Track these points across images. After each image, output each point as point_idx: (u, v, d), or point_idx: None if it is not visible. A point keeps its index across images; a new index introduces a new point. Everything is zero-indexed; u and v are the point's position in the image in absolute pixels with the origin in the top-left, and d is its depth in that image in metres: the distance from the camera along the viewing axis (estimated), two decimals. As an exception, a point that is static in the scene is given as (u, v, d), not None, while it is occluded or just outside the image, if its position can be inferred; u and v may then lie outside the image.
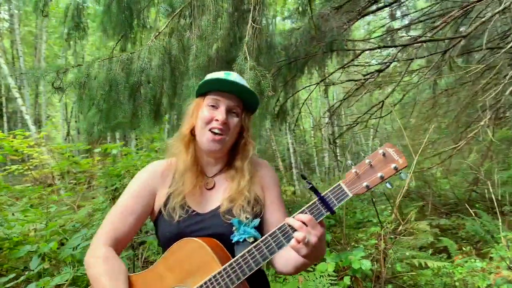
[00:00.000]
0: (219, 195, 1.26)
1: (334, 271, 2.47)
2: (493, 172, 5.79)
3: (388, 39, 6.72)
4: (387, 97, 5.42)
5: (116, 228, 1.23)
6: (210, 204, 1.25)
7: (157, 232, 1.28)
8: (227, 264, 1.07)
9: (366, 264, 2.44)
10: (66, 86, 2.26)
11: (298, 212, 1.05)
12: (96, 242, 1.22)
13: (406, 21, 7.66)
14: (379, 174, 1.03)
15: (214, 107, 1.24)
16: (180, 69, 2.41)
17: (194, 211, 1.22)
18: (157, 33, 2.37)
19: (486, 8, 5.45)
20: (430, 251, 4.25)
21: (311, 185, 1.05)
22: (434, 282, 3.08)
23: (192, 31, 2.25)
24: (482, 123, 4.62)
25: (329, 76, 4.70)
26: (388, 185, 1.04)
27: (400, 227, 2.96)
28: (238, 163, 1.28)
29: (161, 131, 4.73)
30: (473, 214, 4.48)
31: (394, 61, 4.74)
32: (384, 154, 1.04)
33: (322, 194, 1.05)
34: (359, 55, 4.95)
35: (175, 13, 2.37)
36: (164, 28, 2.38)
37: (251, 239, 1.16)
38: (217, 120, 1.21)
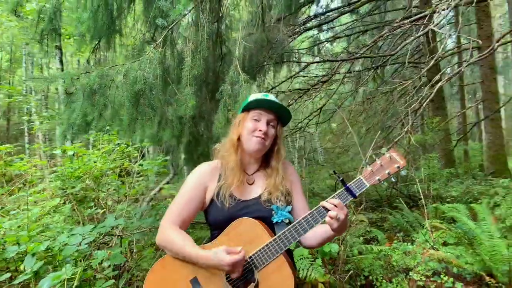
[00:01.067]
0: (258, 189, 1.61)
1: (309, 254, 2.93)
2: (410, 172, 6.83)
3: (315, 50, 7.52)
4: (325, 104, 6.09)
5: (178, 216, 1.54)
6: (251, 194, 1.60)
7: (208, 218, 1.58)
8: (276, 236, 1.43)
9: (334, 248, 2.95)
10: (80, 91, 2.36)
11: (329, 197, 1.44)
12: (164, 225, 1.51)
13: (330, 34, 8.58)
14: (387, 171, 1.48)
15: (257, 120, 1.59)
16: (170, 77, 2.65)
17: (239, 199, 1.55)
18: (155, 44, 2.59)
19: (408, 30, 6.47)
20: (362, 239, 4.95)
21: (341, 178, 1.45)
22: (374, 264, 3.68)
23: (186, 45, 2.52)
24: (405, 129, 5.46)
25: (279, 85, 5.18)
26: (393, 178, 1.49)
27: (354, 217, 3.52)
28: (274, 163, 1.64)
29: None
30: (405, 208, 5.28)
31: (336, 73, 5.41)
32: (390, 157, 1.49)
33: (347, 185, 1.45)
34: (306, 67, 5.54)
35: (170, 27, 2.62)
36: (160, 40, 2.61)
37: (287, 221, 1.53)
38: (260, 130, 1.56)
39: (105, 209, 3.89)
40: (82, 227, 2.44)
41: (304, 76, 6.11)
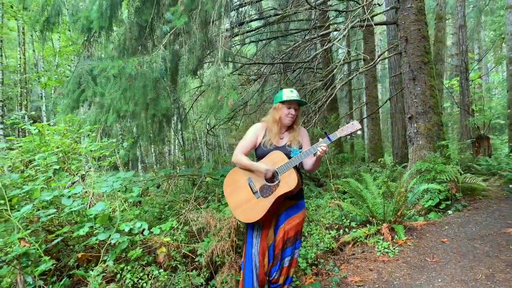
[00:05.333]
0: (285, 140, 2.92)
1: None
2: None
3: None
4: (250, 99, 7.50)
5: (243, 148, 2.86)
6: (281, 143, 2.90)
7: (257, 152, 2.88)
8: (290, 159, 2.71)
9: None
10: (123, 77, 3.21)
11: (319, 142, 2.76)
12: (237, 152, 2.83)
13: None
14: (350, 131, 2.83)
15: (289, 108, 2.86)
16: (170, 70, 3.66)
17: (275, 145, 2.85)
18: (163, 44, 3.57)
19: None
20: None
21: (325, 131, 2.82)
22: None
23: (183, 46, 3.59)
24: (313, 121, 7.16)
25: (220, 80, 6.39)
26: (354, 135, 2.90)
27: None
28: (295, 126, 2.95)
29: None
30: (312, 184, 6.93)
31: (264, 74, 6.84)
32: (353, 124, 2.85)
33: (328, 135, 2.80)
34: (241, 67, 6.86)
35: (171, 32, 3.62)
36: (165, 41, 3.60)
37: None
38: (291, 114, 2.86)
39: (81, 178, 4.67)
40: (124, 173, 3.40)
41: (240, 74, 7.42)
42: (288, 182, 2.69)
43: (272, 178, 2.74)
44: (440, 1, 12.51)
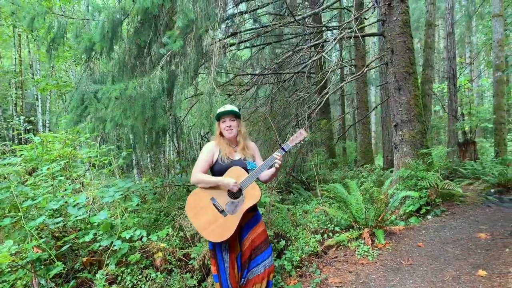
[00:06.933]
0: (239, 154, 3.20)
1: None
2: (302, 162, 9.08)
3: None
4: (242, 107, 7.87)
5: (201, 168, 3.05)
6: (236, 157, 3.18)
7: (214, 168, 3.12)
8: (250, 173, 3.05)
9: (267, 199, 4.71)
10: (124, 98, 3.57)
11: (274, 153, 3.11)
12: (195, 172, 3.03)
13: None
14: (299, 139, 3.17)
15: (224, 121, 3.15)
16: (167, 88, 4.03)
17: (231, 159, 3.14)
18: (160, 66, 3.93)
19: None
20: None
21: (279, 143, 3.18)
22: (285, 220, 5.57)
23: (178, 67, 3.95)
24: (303, 127, 7.54)
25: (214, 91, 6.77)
26: (302, 142, 3.24)
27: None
28: (240, 139, 3.23)
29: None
30: (301, 189, 7.32)
31: (256, 84, 7.22)
32: (300, 132, 3.20)
33: (282, 146, 3.16)
34: (234, 77, 7.24)
35: (167, 54, 3.98)
36: (162, 63, 3.96)
37: (254, 168, 3.17)
38: (227, 126, 3.12)
39: (81, 185, 5.03)
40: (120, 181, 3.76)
41: (232, 85, 7.80)
42: (253, 195, 2.96)
43: (235, 193, 2.97)
44: (429, 8, 12.93)
